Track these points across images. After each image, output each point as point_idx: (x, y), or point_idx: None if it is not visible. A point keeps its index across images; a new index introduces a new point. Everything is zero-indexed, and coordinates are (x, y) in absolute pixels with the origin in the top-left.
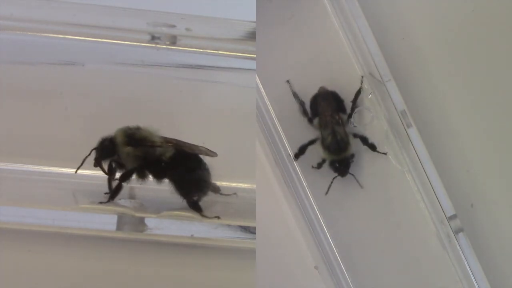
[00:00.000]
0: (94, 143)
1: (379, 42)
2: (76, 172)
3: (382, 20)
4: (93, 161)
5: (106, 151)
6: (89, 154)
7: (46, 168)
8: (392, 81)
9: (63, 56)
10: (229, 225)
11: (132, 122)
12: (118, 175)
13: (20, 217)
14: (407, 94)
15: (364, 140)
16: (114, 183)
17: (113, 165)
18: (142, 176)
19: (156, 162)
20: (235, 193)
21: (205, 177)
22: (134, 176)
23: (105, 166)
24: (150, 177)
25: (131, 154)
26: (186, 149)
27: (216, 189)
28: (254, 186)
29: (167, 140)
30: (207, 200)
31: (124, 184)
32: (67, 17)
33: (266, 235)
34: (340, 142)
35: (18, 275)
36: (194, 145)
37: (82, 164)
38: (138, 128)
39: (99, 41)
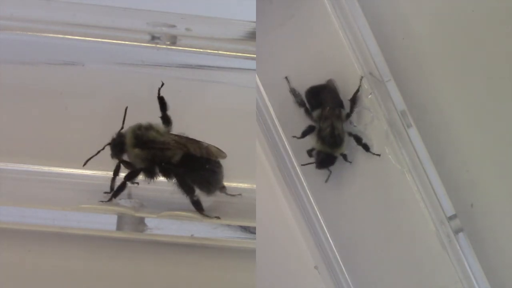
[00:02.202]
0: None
1: (379, 42)
2: (84, 165)
3: (382, 20)
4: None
5: (116, 149)
6: (103, 149)
7: (46, 168)
8: (392, 81)
9: (63, 56)
10: (229, 225)
11: (132, 122)
12: (123, 174)
13: (20, 217)
14: (407, 94)
15: (358, 140)
16: (118, 182)
17: (121, 164)
18: (151, 175)
19: (163, 162)
20: (240, 194)
21: (209, 178)
22: (141, 176)
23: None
24: (159, 176)
25: (139, 156)
26: (194, 152)
27: (222, 189)
28: (254, 186)
29: (177, 141)
30: (208, 199)
31: (128, 183)
32: (67, 17)
33: (266, 235)
34: (337, 137)
35: (18, 275)
36: (204, 145)
37: (92, 158)
38: (148, 128)
39: (99, 41)
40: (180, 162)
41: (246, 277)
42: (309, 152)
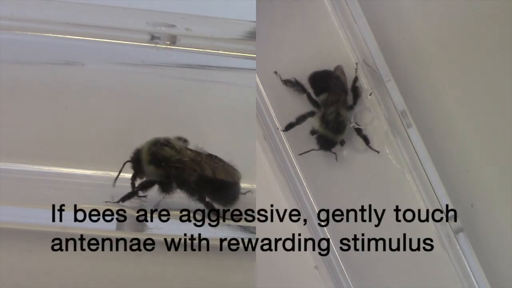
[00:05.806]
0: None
1: (379, 42)
2: (114, 184)
3: (382, 20)
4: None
5: (134, 167)
6: (122, 167)
7: (46, 168)
8: (392, 81)
9: (63, 56)
10: (229, 225)
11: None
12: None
13: (20, 217)
14: (407, 94)
15: (359, 131)
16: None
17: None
18: (167, 189)
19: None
20: (250, 191)
21: (224, 196)
22: (157, 188)
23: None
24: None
25: (153, 174)
26: (208, 174)
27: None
28: (254, 186)
29: (193, 159)
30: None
31: (140, 193)
32: (67, 17)
33: (266, 235)
34: (340, 123)
35: (18, 275)
36: (219, 165)
37: (119, 174)
38: (164, 144)
39: (99, 41)
40: (195, 181)
41: (246, 277)
42: (312, 132)
